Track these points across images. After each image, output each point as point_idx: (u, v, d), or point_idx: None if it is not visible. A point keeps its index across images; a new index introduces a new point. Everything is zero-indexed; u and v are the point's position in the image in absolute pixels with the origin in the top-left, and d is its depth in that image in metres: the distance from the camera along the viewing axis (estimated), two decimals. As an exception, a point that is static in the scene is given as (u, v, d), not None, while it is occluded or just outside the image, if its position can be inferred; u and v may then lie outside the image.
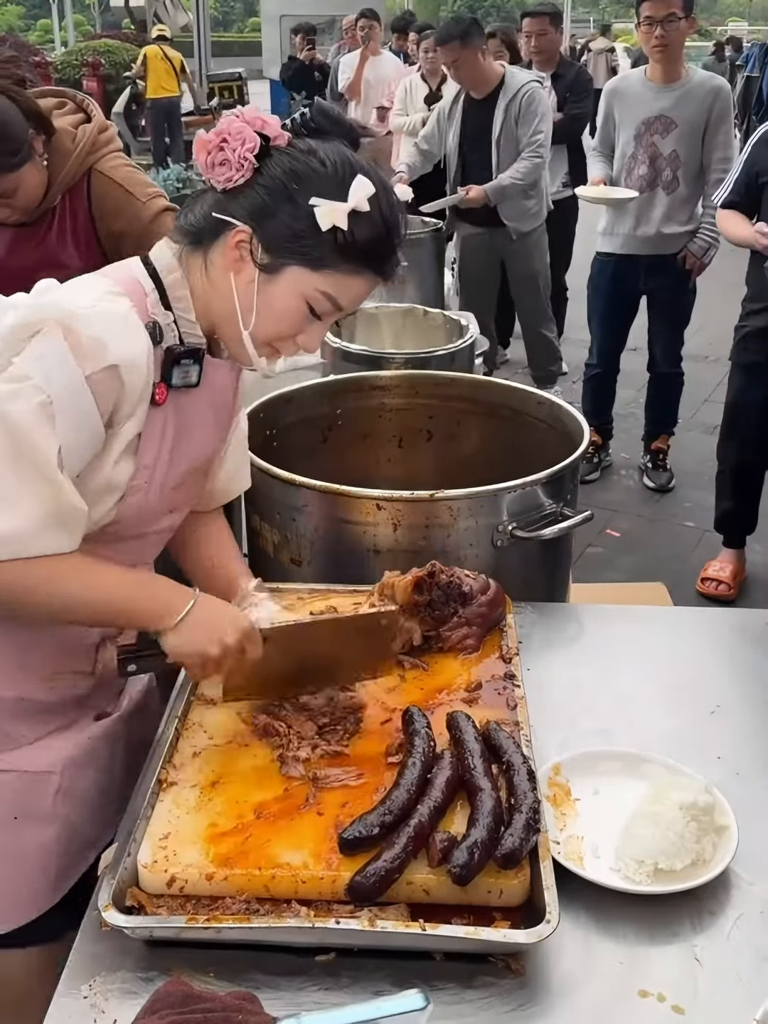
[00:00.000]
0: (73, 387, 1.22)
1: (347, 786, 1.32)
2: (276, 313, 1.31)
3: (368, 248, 1.28)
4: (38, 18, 38.37)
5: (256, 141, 1.25)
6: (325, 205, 1.24)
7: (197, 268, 1.34)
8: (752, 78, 10.06)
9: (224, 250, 1.30)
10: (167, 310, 1.33)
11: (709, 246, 4.21)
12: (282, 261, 1.28)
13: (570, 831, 1.33)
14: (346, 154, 1.30)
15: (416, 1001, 0.91)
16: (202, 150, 1.28)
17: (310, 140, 1.30)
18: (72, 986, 1.14)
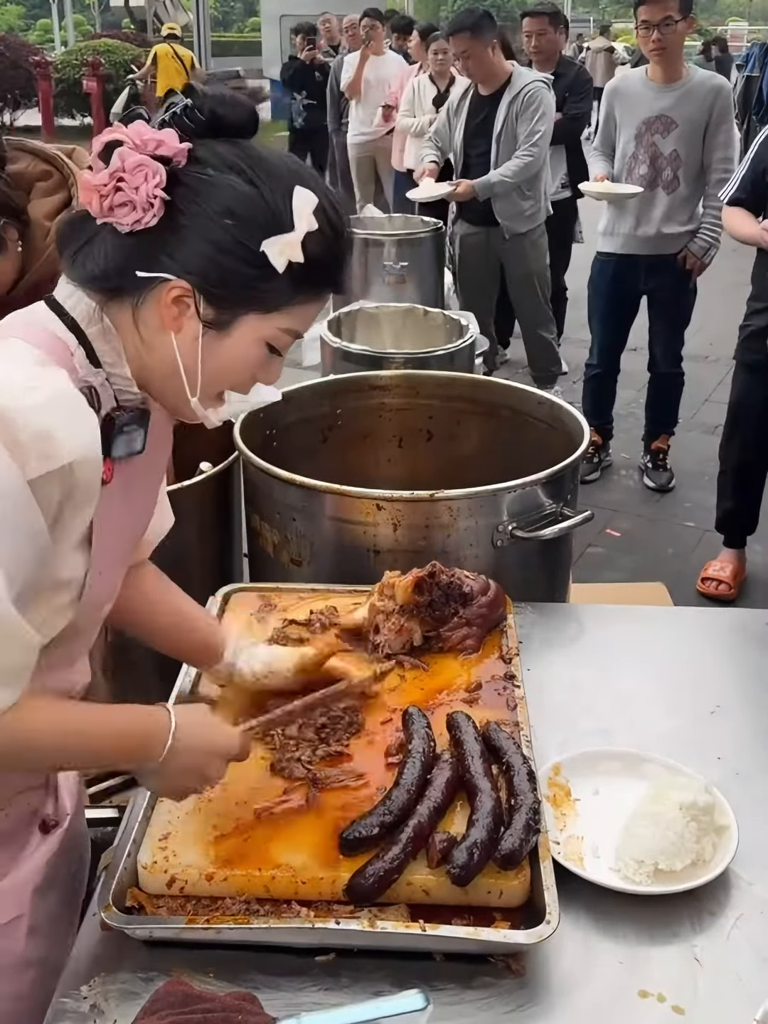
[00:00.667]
0: (12, 497, 1.00)
1: (347, 787, 1.32)
2: (232, 366, 1.14)
3: (324, 267, 1.11)
4: (38, 18, 38.36)
5: (162, 173, 1.03)
6: (275, 244, 1.06)
7: (126, 328, 1.12)
8: (752, 78, 10.06)
9: (157, 307, 1.09)
10: (96, 367, 1.11)
11: (710, 246, 4.21)
12: (233, 314, 1.09)
13: (570, 831, 1.33)
14: (268, 159, 1.10)
15: (416, 1001, 0.91)
16: (93, 193, 1.05)
17: (212, 145, 1.08)
18: (72, 986, 1.14)
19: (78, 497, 1.07)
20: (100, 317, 1.11)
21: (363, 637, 1.62)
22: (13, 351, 1.07)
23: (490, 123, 4.82)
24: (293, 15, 15.77)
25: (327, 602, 1.71)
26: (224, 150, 1.08)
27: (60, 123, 17.11)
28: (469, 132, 4.93)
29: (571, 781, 1.40)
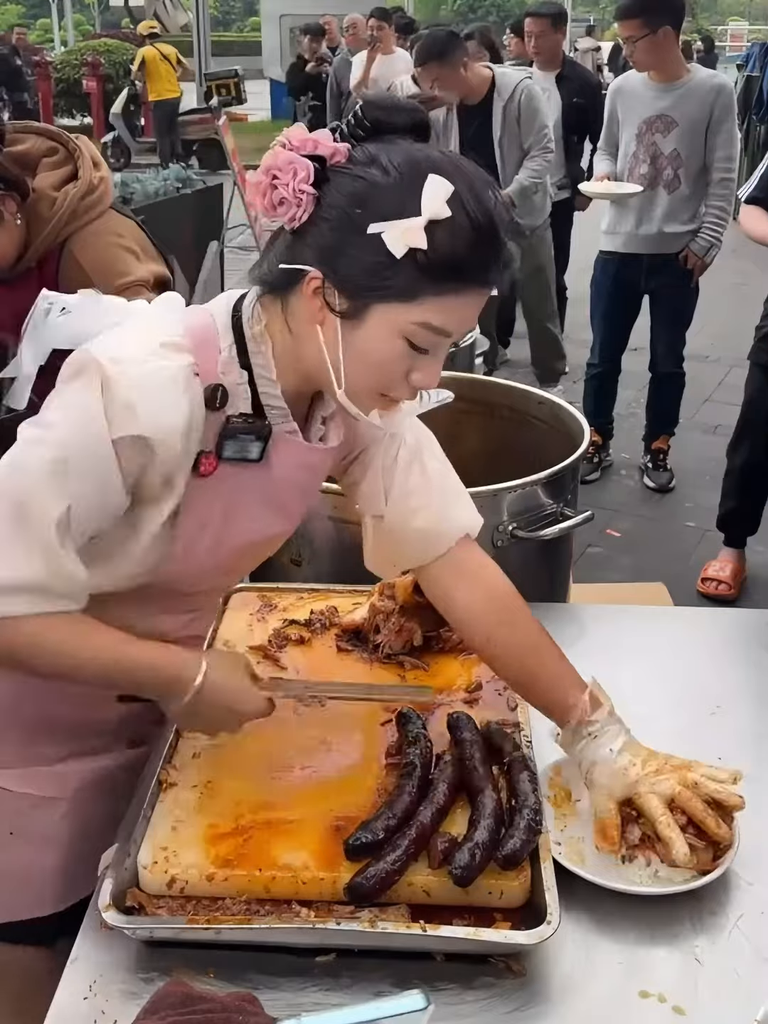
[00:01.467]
0: (97, 447, 1.11)
1: (345, 783, 1.32)
2: (371, 361, 1.13)
3: (461, 259, 1.07)
4: (38, 17, 38.36)
5: (309, 168, 1.07)
6: (391, 227, 1.05)
7: (277, 323, 1.18)
8: (752, 78, 10.06)
9: (303, 300, 1.13)
10: (244, 368, 1.17)
11: (711, 245, 4.21)
12: (363, 303, 1.09)
13: (571, 832, 1.33)
14: (412, 152, 1.09)
15: (417, 1002, 0.91)
16: (257, 194, 1.11)
17: (371, 146, 1.10)
18: (72, 986, 1.14)
19: (161, 470, 1.15)
20: (260, 319, 1.18)
21: (363, 637, 1.62)
22: (157, 324, 1.19)
23: (487, 130, 4.76)
24: (293, 15, 15.78)
25: (327, 602, 1.71)
26: (375, 147, 1.09)
27: (60, 123, 17.12)
28: (465, 144, 4.84)
29: (571, 781, 1.40)
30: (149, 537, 1.20)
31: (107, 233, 1.98)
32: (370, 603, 1.63)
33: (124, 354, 1.13)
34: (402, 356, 1.12)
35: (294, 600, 1.74)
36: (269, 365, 1.18)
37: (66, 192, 1.91)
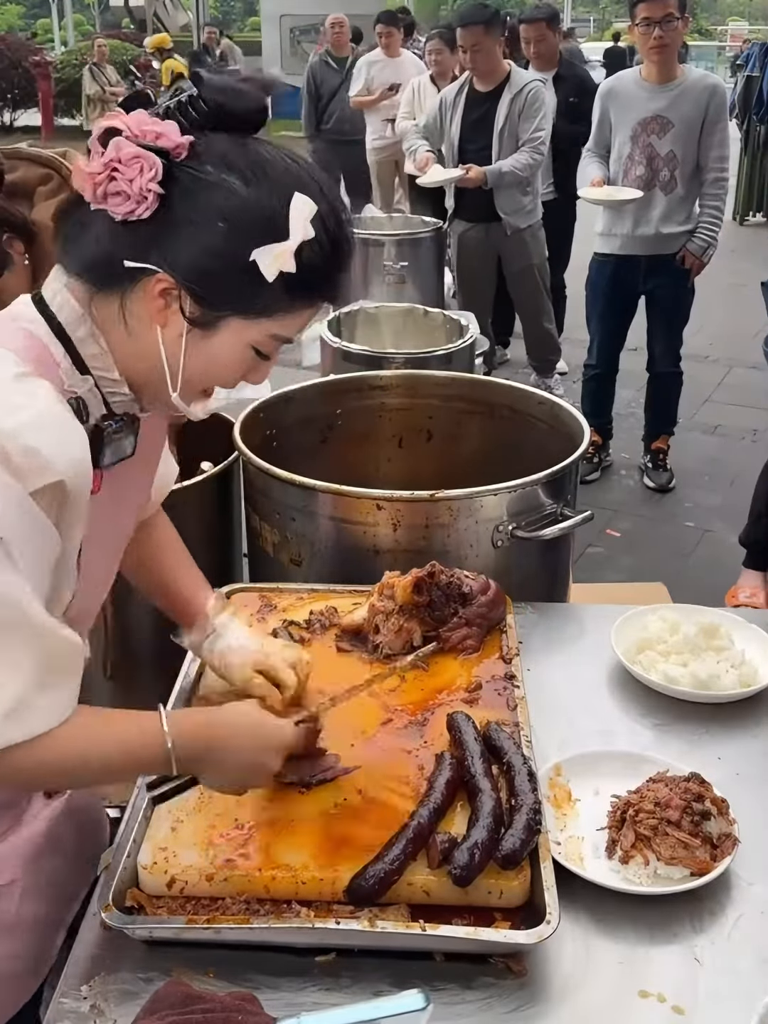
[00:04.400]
0: (21, 510, 1.01)
1: (344, 783, 1.32)
2: (216, 366, 1.12)
3: (319, 278, 1.08)
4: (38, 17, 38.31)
5: (158, 166, 1.00)
6: (267, 253, 1.02)
7: (113, 319, 1.09)
8: (752, 78, 10.06)
9: (144, 299, 1.06)
10: (84, 374, 1.09)
11: (708, 245, 4.21)
12: (219, 314, 1.07)
13: (571, 832, 1.33)
14: (271, 161, 1.06)
15: (416, 1001, 0.91)
16: (87, 180, 1.03)
17: (216, 142, 1.05)
18: (72, 986, 1.14)
19: (71, 512, 1.07)
20: (86, 318, 1.09)
21: (363, 637, 1.62)
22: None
23: (490, 119, 4.87)
24: (293, 15, 15.76)
25: (327, 602, 1.71)
26: (226, 147, 1.05)
27: (60, 123, 17.10)
28: (466, 127, 4.98)
29: (571, 781, 1.40)
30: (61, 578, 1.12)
31: None
32: (370, 603, 1.63)
33: None
34: (245, 362, 1.13)
35: (294, 600, 1.74)
36: (110, 365, 1.11)
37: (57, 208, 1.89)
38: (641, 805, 1.30)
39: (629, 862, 1.27)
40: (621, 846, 1.28)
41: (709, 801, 1.30)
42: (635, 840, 1.27)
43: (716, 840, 1.28)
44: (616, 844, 1.29)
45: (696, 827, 1.27)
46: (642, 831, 1.28)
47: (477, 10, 4.89)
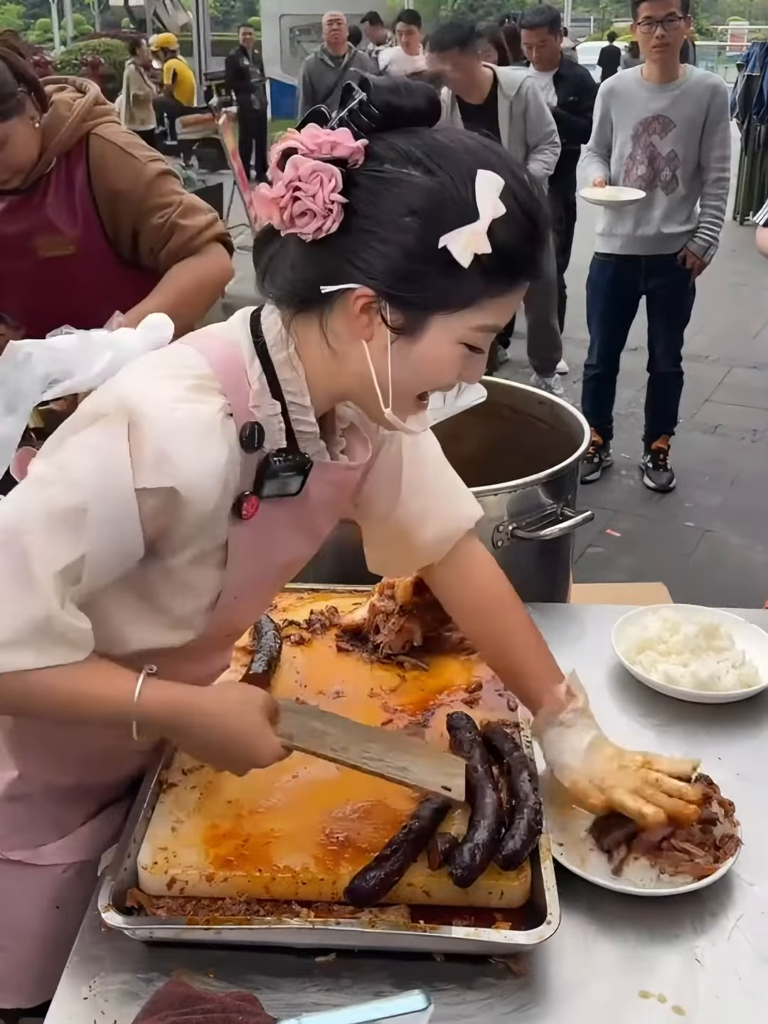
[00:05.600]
0: (118, 495, 1.03)
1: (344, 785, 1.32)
2: (427, 371, 1.09)
3: (517, 255, 1.03)
4: (37, 17, 38.32)
5: (337, 176, 0.99)
6: (458, 238, 0.98)
7: (313, 340, 1.09)
8: (752, 77, 10.06)
9: (346, 317, 1.05)
10: (275, 398, 1.10)
11: (709, 245, 4.21)
12: (423, 315, 1.04)
13: (571, 832, 1.32)
14: (447, 144, 1.02)
15: (417, 1002, 0.91)
16: (272, 209, 1.02)
17: (391, 139, 1.02)
18: (72, 987, 1.13)
19: (190, 521, 1.08)
20: (289, 342, 1.10)
21: (363, 637, 1.62)
22: (182, 362, 1.09)
23: (493, 131, 4.77)
24: (293, 15, 15.77)
25: (327, 602, 1.71)
26: (400, 141, 1.02)
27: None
28: None
29: None
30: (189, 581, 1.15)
31: (123, 129, 2.24)
32: (370, 603, 1.63)
33: (153, 398, 1.05)
34: (457, 362, 1.08)
35: (294, 600, 1.74)
36: (303, 391, 1.11)
37: (80, 99, 2.15)
38: None
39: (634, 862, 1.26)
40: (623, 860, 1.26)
41: (716, 803, 1.30)
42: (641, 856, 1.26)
43: (719, 842, 1.28)
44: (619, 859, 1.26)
45: (705, 834, 1.26)
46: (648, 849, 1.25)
47: (448, 32, 4.72)
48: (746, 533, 4.25)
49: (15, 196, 2.13)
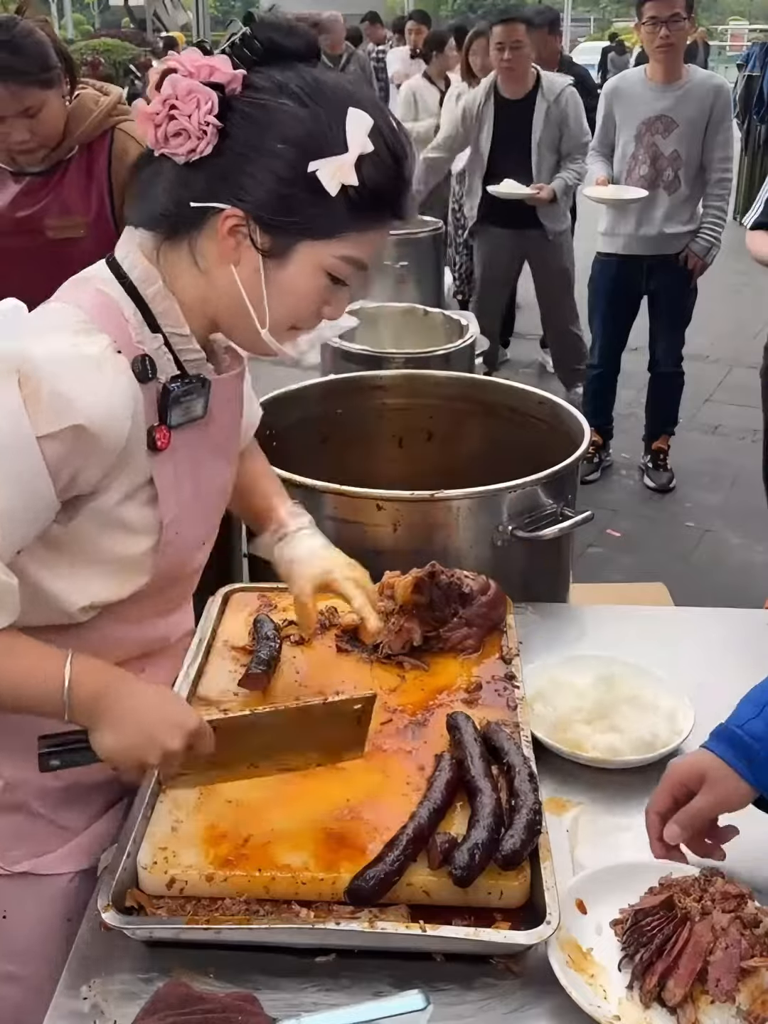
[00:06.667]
0: (20, 448, 1.04)
1: (344, 784, 1.32)
2: (293, 297, 1.13)
3: (382, 192, 1.09)
4: (38, 17, 38.33)
5: (213, 99, 1.03)
6: (327, 166, 1.04)
7: (183, 264, 1.13)
8: (752, 77, 10.07)
9: (216, 239, 1.09)
10: (155, 332, 1.13)
11: (711, 245, 4.22)
12: (290, 240, 1.09)
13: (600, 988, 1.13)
14: (322, 81, 1.07)
15: (416, 1002, 0.91)
16: (148, 123, 1.06)
17: (269, 72, 1.07)
18: (72, 987, 1.13)
19: (107, 457, 1.10)
20: (156, 275, 1.13)
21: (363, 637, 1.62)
22: (59, 315, 1.11)
23: (525, 130, 4.74)
24: (292, 14, 15.77)
25: (327, 602, 1.71)
26: (278, 74, 1.07)
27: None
28: (498, 139, 4.82)
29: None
30: (119, 525, 1.16)
31: None
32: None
33: (39, 349, 1.06)
34: (322, 290, 1.14)
35: (294, 600, 1.74)
36: (179, 321, 1.14)
37: (105, 97, 2.32)
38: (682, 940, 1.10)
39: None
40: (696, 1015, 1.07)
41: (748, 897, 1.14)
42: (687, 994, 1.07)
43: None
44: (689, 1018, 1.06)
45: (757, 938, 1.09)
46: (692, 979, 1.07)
47: (523, 8, 4.87)
48: (746, 533, 4.26)
49: (35, 179, 2.29)
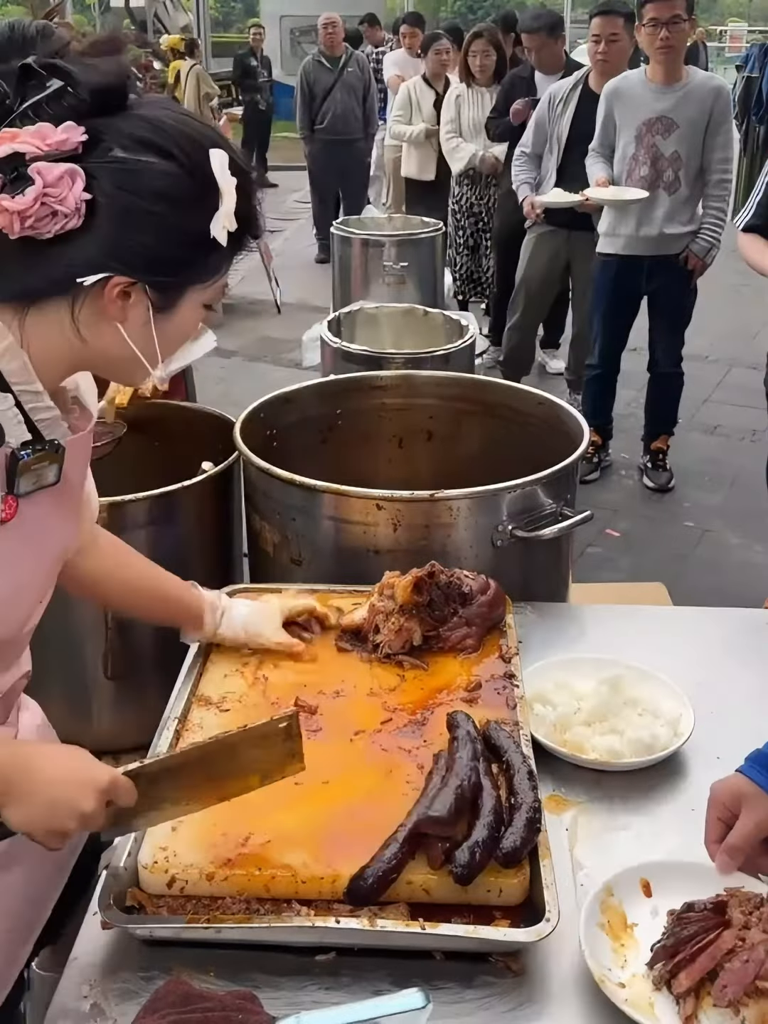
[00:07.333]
0: None
1: (344, 783, 1.32)
2: (181, 335, 1.16)
3: (248, 218, 1.11)
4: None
5: (82, 175, 0.98)
6: (217, 221, 1.05)
7: (47, 326, 1.07)
8: (751, 79, 10.07)
9: (95, 304, 1.06)
10: (4, 391, 1.05)
11: (711, 246, 4.22)
12: (179, 291, 1.10)
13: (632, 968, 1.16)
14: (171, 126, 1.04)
15: (416, 1000, 0.91)
16: (15, 220, 0.97)
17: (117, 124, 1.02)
18: (72, 986, 1.14)
19: None
20: (5, 334, 1.05)
21: (363, 637, 1.62)
22: None
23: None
24: (293, 16, 15.77)
25: (328, 602, 1.71)
26: (125, 126, 1.02)
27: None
28: (576, 130, 4.67)
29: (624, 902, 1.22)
30: None
31: None
32: (370, 603, 1.63)
33: None
34: (198, 321, 1.17)
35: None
36: (31, 378, 1.08)
37: None
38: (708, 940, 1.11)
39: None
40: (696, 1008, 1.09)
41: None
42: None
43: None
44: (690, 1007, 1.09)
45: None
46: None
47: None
48: (745, 533, 4.26)
49: None
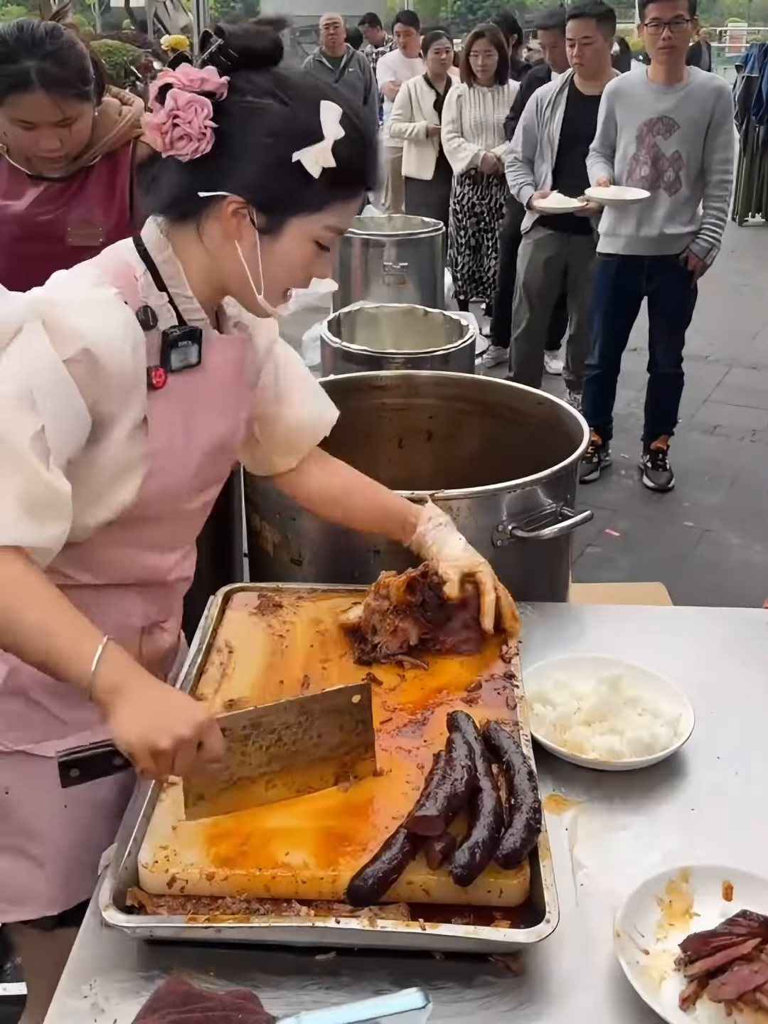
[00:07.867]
0: (53, 372, 1.23)
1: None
2: (287, 266, 1.33)
3: (355, 168, 1.30)
4: (38, 18, 38.36)
5: (209, 106, 1.23)
6: (309, 154, 1.24)
7: (191, 242, 1.34)
8: (751, 79, 10.08)
9: (220, 221, 1.30)
10: (161, 290, 1.34)
11: (711, 246, 4.22)
12: (282, 218, 1.29)
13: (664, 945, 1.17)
14: (294, 81, 1.29)
15: (416, 1000, 0.91)
16: (155, 132, 1.26)
17: (246, 75, 1.27)
18: (72, 986, 1.14)
19: (111, 384, 1.27)
20: (167, 245, 1.34)
21: (363, 637, 1.62)
22: (82, 274, 1.33)
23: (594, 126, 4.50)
24: (293, 15, 15.75)
25: (328, 602, 1.71)
26: (258, 78, 1.27)
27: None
28: (567, 133, 4.69)
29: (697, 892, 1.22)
30: (124, 455, 1.32)
31: None
32: (365, 603, 1.63)
33: (58, 295, 1.28)
34: (311, 257, 1.34)
35: (294, 600, 1.74)
36: (183, 283, 1.35)
37: (129, 108, 2.34)
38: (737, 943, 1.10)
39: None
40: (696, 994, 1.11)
41: None
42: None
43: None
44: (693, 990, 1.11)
45: None
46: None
47: (589, 4, 4.60)
48: (745, 533, 4.26)
49: (53, 184, 2.26)
